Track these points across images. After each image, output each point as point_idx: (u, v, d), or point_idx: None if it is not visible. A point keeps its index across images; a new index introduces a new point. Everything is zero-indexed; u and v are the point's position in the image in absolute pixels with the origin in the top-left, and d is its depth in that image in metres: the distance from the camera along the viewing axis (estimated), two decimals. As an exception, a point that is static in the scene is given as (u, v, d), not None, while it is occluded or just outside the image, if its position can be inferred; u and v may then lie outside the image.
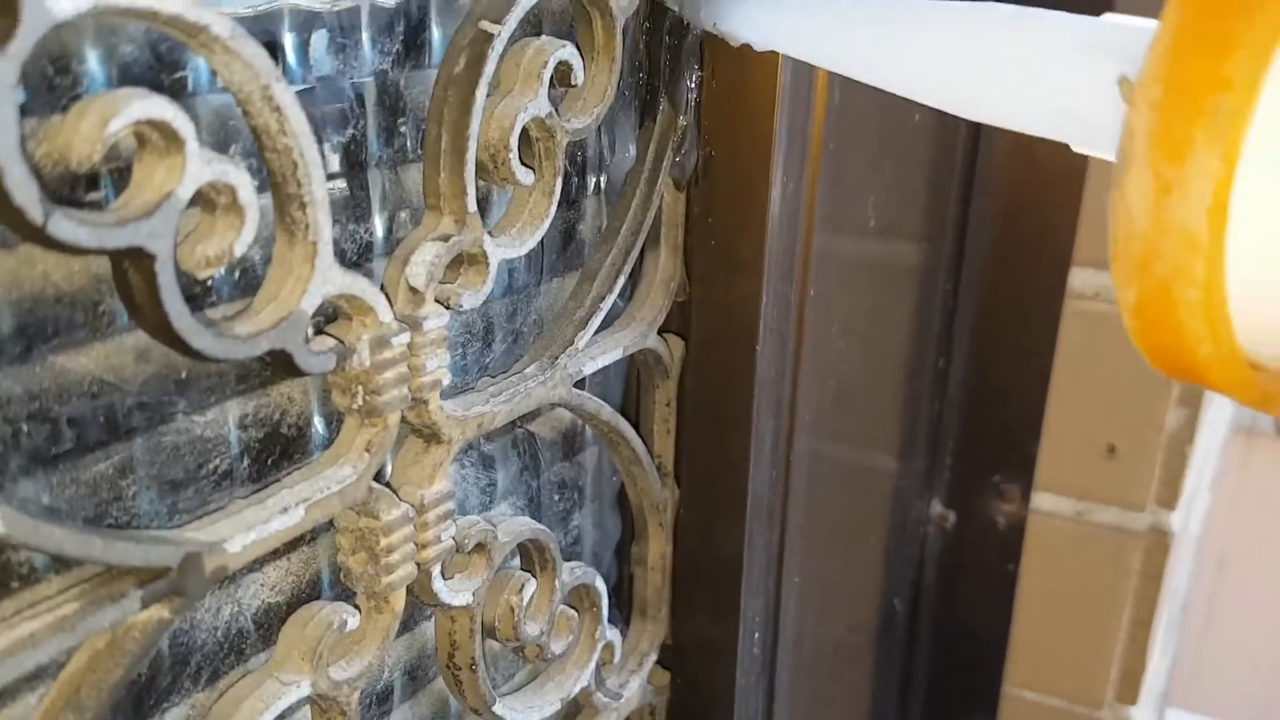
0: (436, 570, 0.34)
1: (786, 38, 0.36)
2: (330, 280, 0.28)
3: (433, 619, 0.38)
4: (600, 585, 0.44)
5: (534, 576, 0.40)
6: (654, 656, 0.49)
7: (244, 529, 0.27)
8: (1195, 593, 1.18)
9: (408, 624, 0.38)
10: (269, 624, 0.31)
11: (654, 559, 0.48)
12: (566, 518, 0.45)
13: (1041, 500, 0.69)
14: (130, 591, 0.25)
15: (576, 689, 0.44)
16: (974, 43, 0.31)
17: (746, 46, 0.38)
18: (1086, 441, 0.68)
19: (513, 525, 0.39)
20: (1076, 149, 0.28)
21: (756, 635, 0.51)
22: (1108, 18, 0.29)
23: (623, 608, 0.50)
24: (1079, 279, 0.65)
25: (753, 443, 0.46)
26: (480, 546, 0.37)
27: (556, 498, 0.44)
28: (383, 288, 0.30)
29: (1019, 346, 0.67)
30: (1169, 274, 0.24)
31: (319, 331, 0.29)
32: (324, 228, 0.27)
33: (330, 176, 0.30)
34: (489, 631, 0.39)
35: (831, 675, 0.63)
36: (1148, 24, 0.26)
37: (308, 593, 0.33)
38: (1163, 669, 0.88)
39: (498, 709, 0.39)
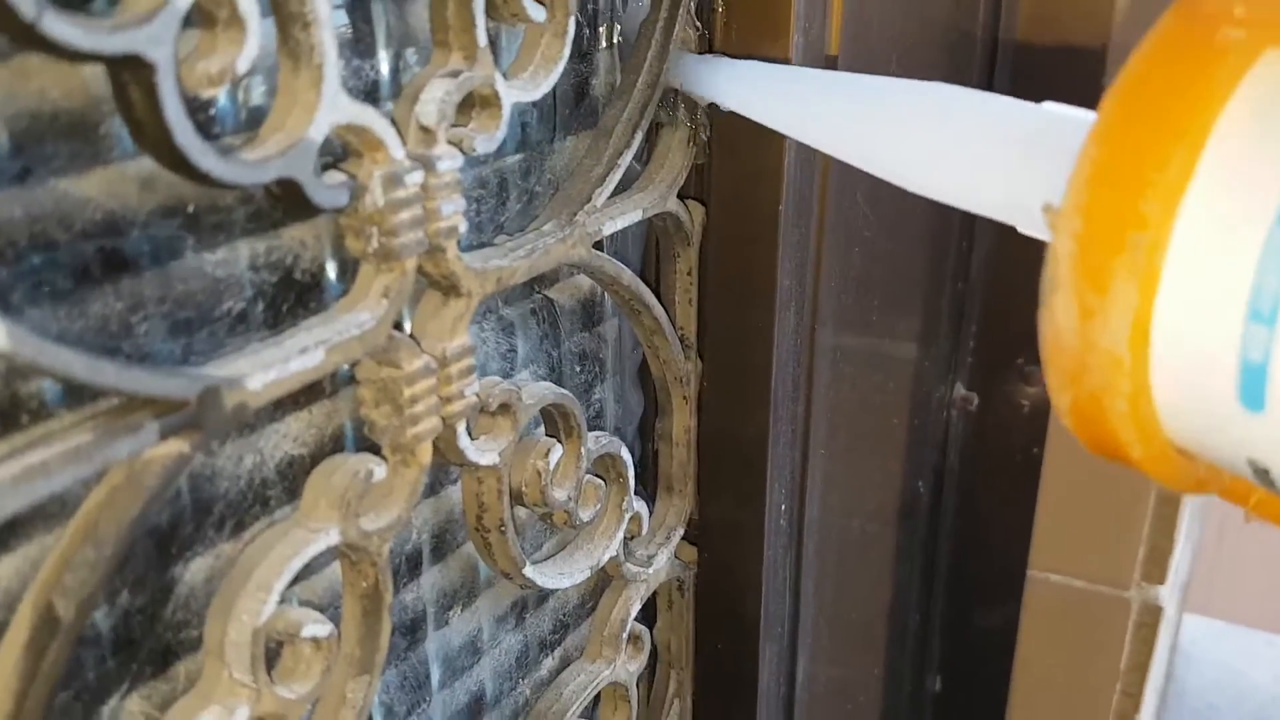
0: (462, 427, 0.34)
1: (752, 105, 0.39)
2: (338, 108, 0.27)
3: (459, 483, 0.38)
4: (626, 455, 0.43)
5: (559, 443, 0.39)
6: (681, 531, 0.49)
7: (263, 367, 0.26)
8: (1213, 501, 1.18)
9: (434, 487, 0.37)
10: (293, 477, 0.31)
11: (678, 434, 0.48)
12: (588, 390, 0.45)
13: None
14: (147, 423, 0.24)
15: (605, 558, 0.43)
16: (919, 124, 0.33)
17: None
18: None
19: (536, 389, 0.38)
20: (1022, 231, 0.30)
21: (783, 507, 0.50)
22: (1048, 106, 0.30)
23: (648, 484, 0.49)
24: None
25: (776, 313, 0.45)
26: (505, 407, 0.36)
27: (578, 369, 0.44)
28: (393, 124, 0.29)
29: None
30: (1098, 387, 0.25)
31: (330, 168, 0.28)
32: (329, 50, 0.26)
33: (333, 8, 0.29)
34: (516, 497, 0.38)
35: (857, 555, 0.63)
36: (1085, 118, 0.28)
37: (331, 447, 0.32)
38: (1187, 555, 0.88)
39: (528, 572, 0.39)
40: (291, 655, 0.30)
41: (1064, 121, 0.29)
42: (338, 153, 0.28)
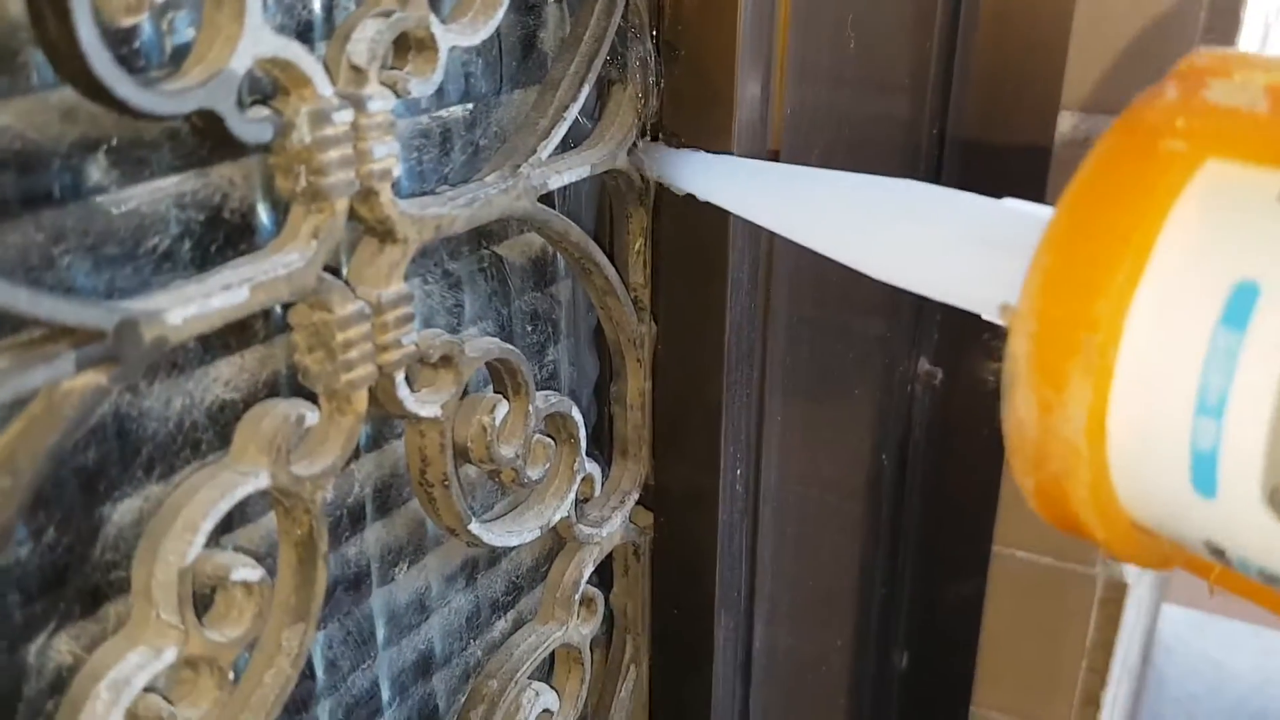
0: (400, 377, 0.34)
1: (724, 198, 0.41)
2: (261, 41, 0.26)
3: (403, 438, 0.38)
4: (577, 415, 0.43)
5: (506, 399, 0.39)
6: (636, 495, 0.49)
7: (183, 302, 0.26)
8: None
9: (377, 441, 0.37)
10: (225, 422, 0.31)
11: (633, 397, 0.48)
12: (541, 351, 0.45)
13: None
14: (64, 353, 0.24)
15: (556, 518, 0.43)
16: (883, 219, 0.35)
17: None
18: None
19: (481, 343, 0.38)
20: (985, 318, 0.31)
21: (739, 472, 0.50)
22: (1008, 202, 0.32)
23: (604, 449, 0.49)
24: (1067, 123, 0.64)
25: (730, 275, 0.45)
26: (446, 360, 0.36)
27: (529, 328, 0.43)
28: (325, 67, 0.29)
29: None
30: (1059, 473, 0.27)
31: (255, 104, 0.28)
32: (252, -17, 0.26)
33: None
34: (462, 453, 0.38)
35: (817, 527, 0.63)
36: (1043, 213, 0.30)
37: (265, 393, 0.32)
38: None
39: (474, 528, 0.39)
40: (223, 600, 0.30)
41: (1024, 218, 0.30)
42: (267, 91, 0.28)
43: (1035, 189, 0.64)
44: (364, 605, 0.38)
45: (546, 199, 0.39)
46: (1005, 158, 0.64)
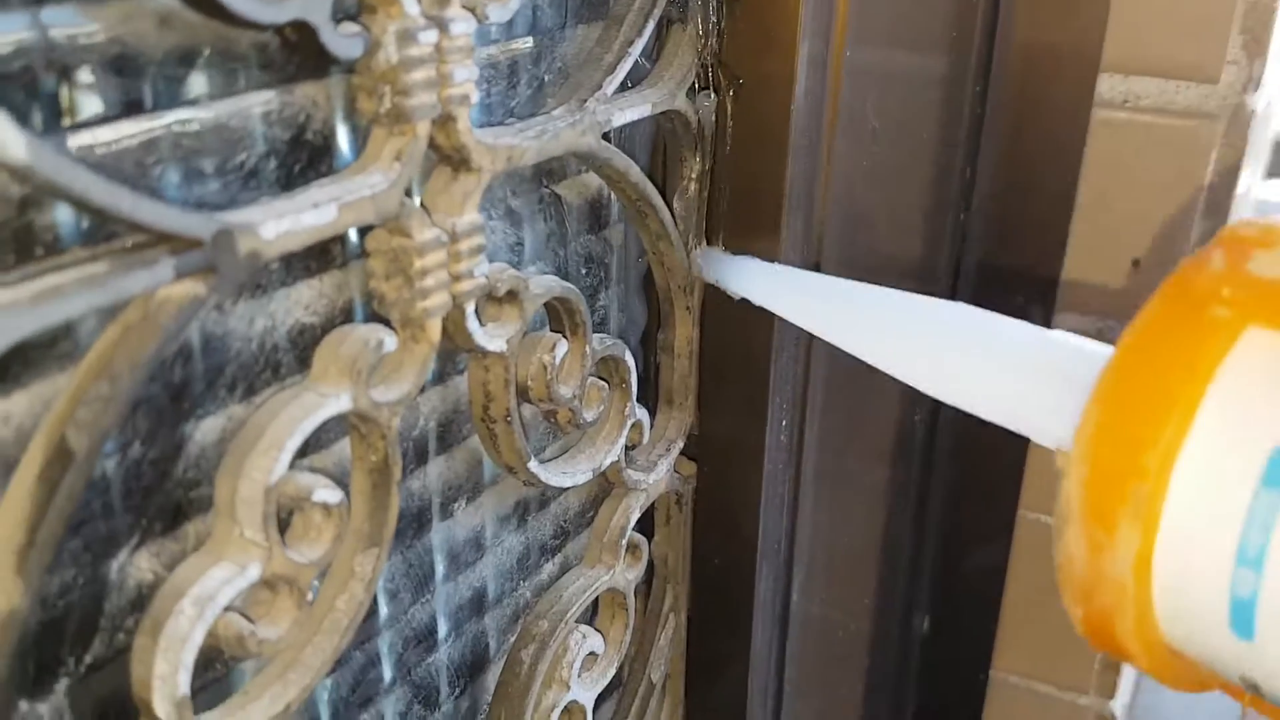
0: (470, 309, 0.34)
1: (779, 306, 0.43)
2: (356, -46, 0.26)
3: (465, 374, 0.38)
4: (629, 360, 0.43)
5: (565, 339, 0.39)
6: (680, 443, 0.49)
7: (276, 216, 0.26)
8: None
9: (442, 376, 0.37)
10: (303, 345, 0.31)
11: (680, 345, 0.48)
12: (594, 295, 0.44)
13: (1064, 320, 0.69)
14: (163, 259, 0.24)
15: (607, 462, 0.43)
16: (936, 342, 0.37)
17: None
18: (1111, 257, 0.67)
19: (544, 280, 0.38)
20: (1037, 442, 0.33)
21: (784, 423, 0.50)
22: (1057, 335, 0.34)
23: (650, 398, 0.49)
24: (1107, 85, 0.63)
25: (784, 220, 0.45)
26: (512, 295, 0.36)
27: (584, 271, 0.43)
28: (409, -15, 0.29)
29: (1045, 160, 0.65)
30: (1107, 606, 0.29)
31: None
32: (348, -106, 0.25)
33: None
34: (522, 391, 0.38)
35: (853, 483, 0.63)
36: (1090, 349, 0.33)
37: (341, 319, 0.32)
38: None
39: (532, 466, 0.39)
40: (302, 522, 0.30)
41: (1073, 352, 0.33)
42: (353, 10, 0.28)
43: (1074, 150, 0.64)
44: (425, 539, 0.38)
45: (605, 138, 0.39)
46: (1045, 121, 0.64)
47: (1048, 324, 0.70)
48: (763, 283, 0.44)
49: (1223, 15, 0.61)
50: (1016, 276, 0.67)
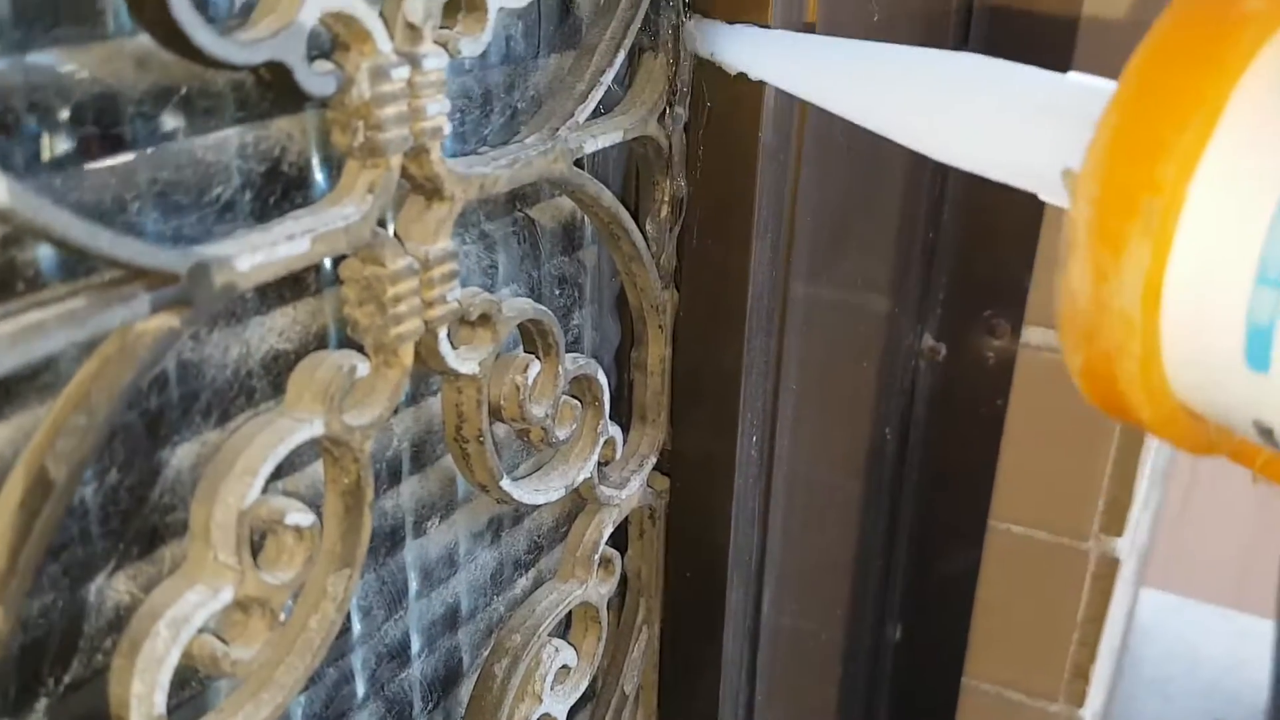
0: (444, 333, 0.34)
1: (779, 74, 0.40)
2: (329, -5, 0.27)
3: (439, 395, 0.38)
4: (602, 378, 0.44)
5: (538, 359, 0.40)
6: (653, 459, 0.50)
7: (251, 250, 0.27)
8: (1172, 475, 1.19)
9: (415, 397, 0.38)
10: (277, 372, 0.31)
11: (653, 363, 0.49)
12: (567, 315, 0.45)
13: (1032, 335, 0.70)
14: (139, 294, 0.24)
15: (580, 479, 0.44)
16: (945, 92, 0.33)
17: None
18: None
19: (516, 303, 0.38)
20: (1042, 198, 0.31)
21: (754, 439, 0.51)
22: (1071, 76, 0.31)
23: (623, 415, 0.50)
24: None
25: (754, 244, 0.46)
26: (485, 318, 0.37)
27: (557, 292, 0.44)
28: (382, 19, 0.29)
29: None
30: (1110, 348, 0.26)
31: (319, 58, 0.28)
32: (322, -62, 0.26)
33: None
34: (495, 412, 0.39)
35: (823, 496, 0.64)
36: (1107, 85, 0.28)
37: (315, 345, 0.32)
38: (1146, 514, 0.90)
39: (505, 485, 0.40)
40: (275, 545, 0.31)
41: (1087, 91, 0.30)
42: (326, 48, 0.29)
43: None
44: (398, 557, 0.39)
45: (578, 164, 0.40)
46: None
47: (1017, 338, 0.72)
48: (758, 51, 0.40)
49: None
50: (986, 292, 0.69)
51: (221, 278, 0.26)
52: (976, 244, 0.68)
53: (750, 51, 0.41)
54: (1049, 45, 0.63)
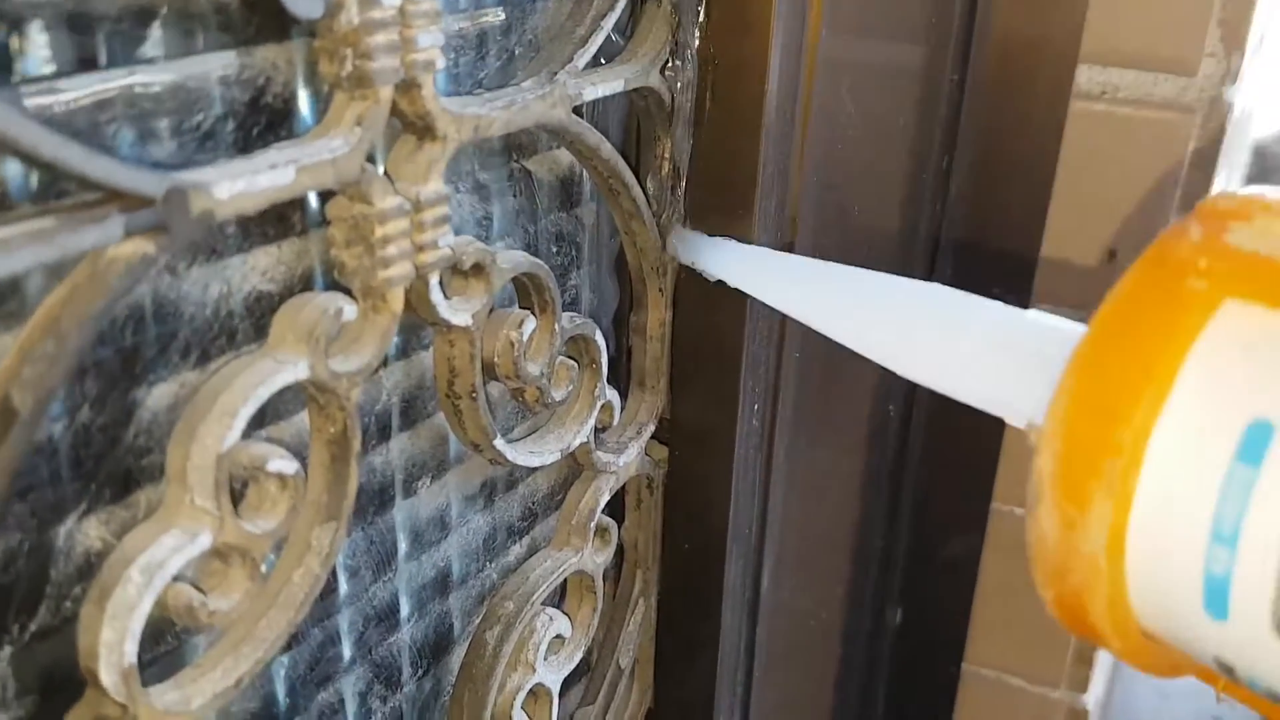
0: (435, 280, 0.33)
1: (756, 287, 0.42)
2: (316, -89, 0.26)
3: (431, 350, 0.37)
4: (600, 340, 0.43)
5: (533, 315, 0.39)
6: (652, 427, 0.49)
7: (231, 177, 0.26)
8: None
9: (406, 350, 0.37)
10: (260, 314, 0.30)
11: (653, 327, 0.47)
12: (564, 274, 0.44)
13: (1039, 310, 0.69)
14: (113, 216, 0.23)
15: (576, 442, 0.43)
16: (911, 322, 0.36)
17: None
18: (1087, 248, 0.67)
19: (512, 255, 0.37)
20: (1010, 423, 0.33)
21: (756, 408, 0.50)
22: (1030, 314, 0.34)
23: (621, 380, 0.49)
24: (1085, 76, 0.63)
25: (757, 204, 0.45)
26: (479, 269, 0.35)
27: (554, 249, 0.43)
28: (372, -53, 0.28)
29: (1023, 150, 0.65)
30: (1079, 586, 0.28)
31: (305, -20, 0.27)
32: None
33: None
34: (488, 368, 0.38)
35: (825, 470, 0.63)
36: (1065, 329, 0.32)
37: (301, 287, 0.31)
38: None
39: (498, 444, 0.38)
40: (257, 493, 0.29)
41: (1045, 330, 0.33)
42: (315, -27, 0.27)
43: (1052, 141, 0.64)
44: (387, 517, 0.38)
45: (577, 113, 0.39)
46: (1023, 111, 0.64)
47: (1024, 316, 0.70)
48: (738, 264, 0.43)
49: (1201, 8, 0.61)
50: (993, 265, 0.67)
51: (199, 204, 0.25)
52: (984, 220, 0.67)
53: (729, 264, 0.43)
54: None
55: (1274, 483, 0.25)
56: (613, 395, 0.45)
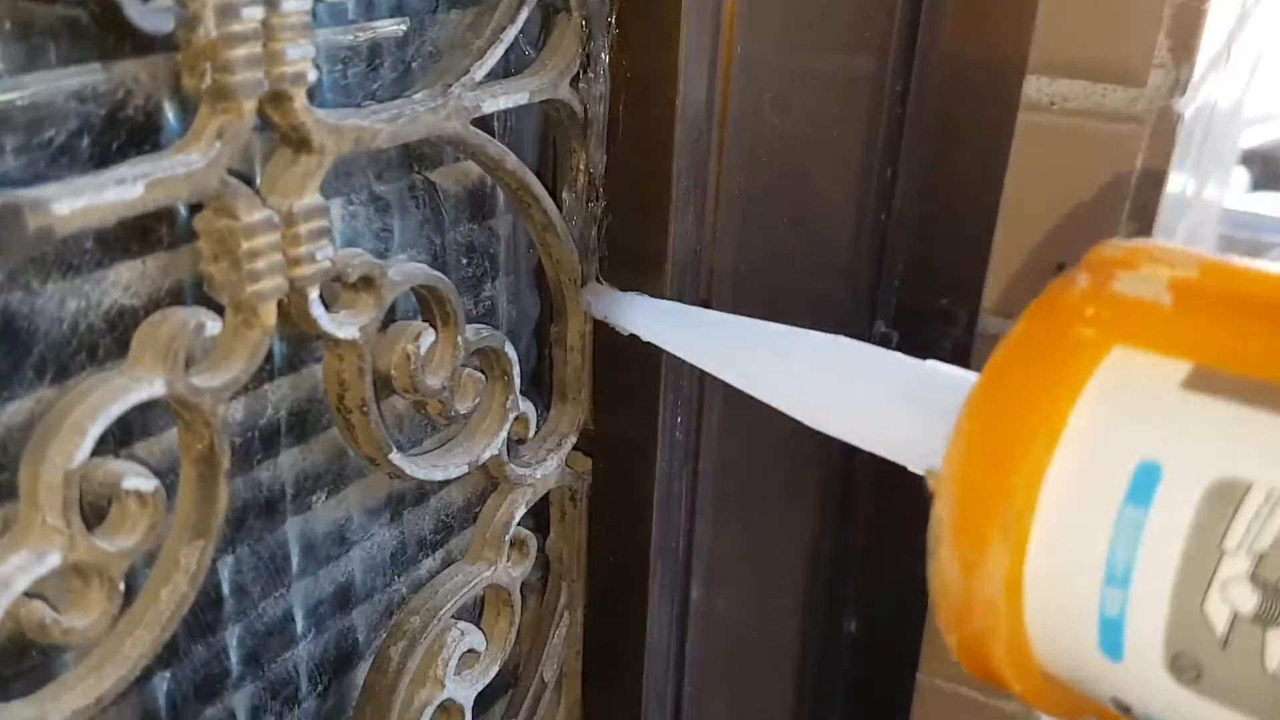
0: (314, 294, 0.33)
1: (667, 340, 0.43)
2: (161, -76, 0.25)
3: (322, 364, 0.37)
4: (510, 351, 0.43)
5: (434, 329, 0.38)
6: (573, 439, 0.48)
7: (73, 193, 0.25)
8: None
9: (294, 364, 0.36)
10: (124, 329, 0.30)
11: (573, 339, 0.47)
12: (477, 285, 0.44)
13: (989, 324, 0.68)
14: (-66, 234, 0.23)
15: (486, 455, 0.43)
16: (818, 374, 0.37)
17: None
18: (1036, 261, 0.66)
19: (406, 268, 0.37)
20: (911, 469, 0.33)
21: (680, 420, 0.50)
22: (929, 365, 0.35)
23: (544, 391, 0.48)
24: (1033, 87, 0.63)
25: (673, 218, 0.45)
26: (367, 281, 0.35)
27: (465, 261, 0.43)
28: (234, -41, 0.28)
29: (970, 162, 0.65)
30: (980, 630, 0.29)
31: (158, -6, 0.27)
32: None
33: None
34: (385, 381, 0.38)
35: (765, 484, 0.62)
36: (963, 377, 0.33)
37: (169, 302, 0.31)
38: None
39: (395, 458, 0.38)
40: (118, 511, 0.29)
41: (947, 380, 0.34)
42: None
43: (1000, 152, 0.63)
44: (278, 532, 0.37)
45: (486, 127, 0.38)
46: (969, 123, 0.64)
47: (972, 328, 0.70)
48: (648, 319, 0.44)
49: (1150, 19, 0.60)
50: (941, 278, 0.67)
51: (37, 221, 0.24)
52: (932, 231, 0.66)
53: (639, 320, 0.44)
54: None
55: (1163, 524, 0.26)
56: (527, 407, 0.45)
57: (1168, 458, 0.26)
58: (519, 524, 0.47)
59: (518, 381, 0.43)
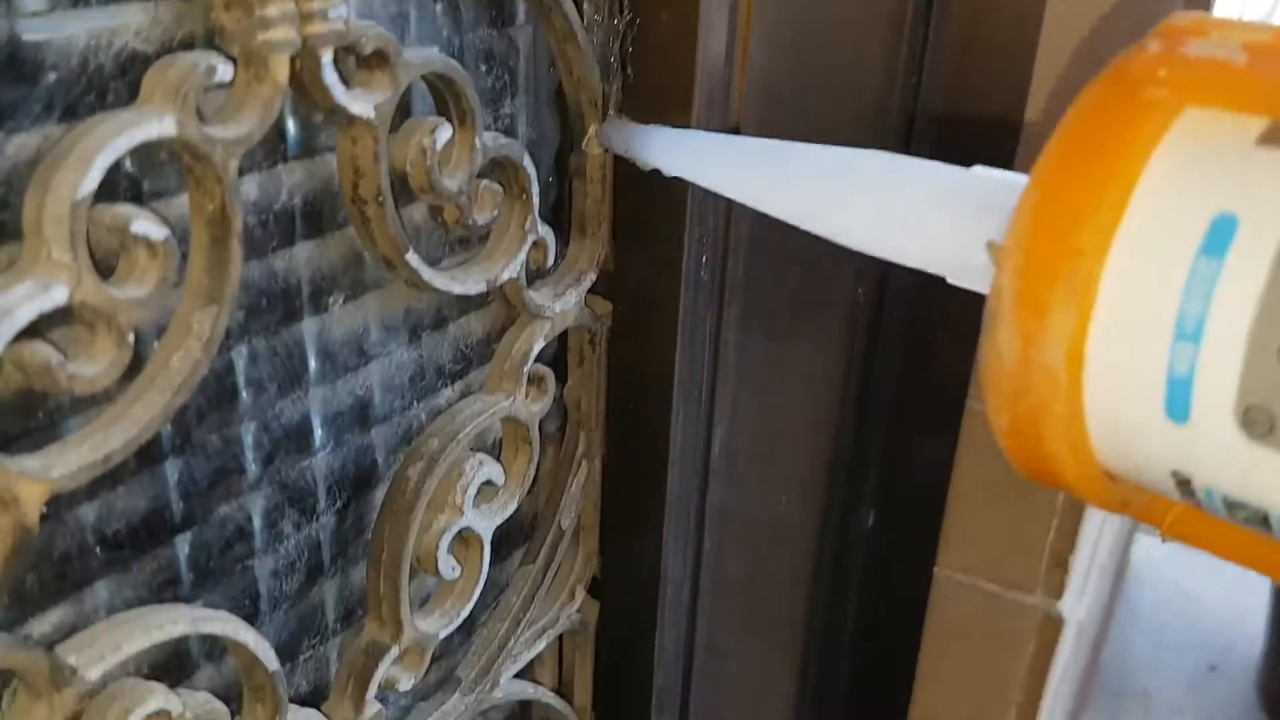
0: (327, 58, 0.31)
1: (692, 172, 0.42)
2: None
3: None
4: (530, 167, 0.41)
5: (450, 125, 0.37)
6: (592, 275, 0.47)
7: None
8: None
9: (308, 148, 0.35)
10: (136, 75, 0.28)
11: (593, 169, 0.45)
12: (496, 99, 0.42)
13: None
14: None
15: (504, 276, 0.41)
16: (855, 186, 0.36)
17: None
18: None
19: (422, 51, 0.35)
20: (952, 282, 0.33)
21: (704, 259, 0.48)
22: (976, 170, 0.33)
23: (564, 227, 0.47)
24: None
25: (700, 37, 0.43)
26: (381, 57, 0.33)
27: (483, 68, 0.41)
28: None
29: (1004, 18, 0.62)
30: (1035, 407, 0.28)
31: None
32: None
33: None
34: (400, 177, 0.36)
35: (789, 339, 0.61)
36: (1011, 178, 0.32)
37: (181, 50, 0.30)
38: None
39: (412, 259, 0.37)
40: (127, 261, 0.28)
41: (991, 181, 0.32)
42: None
43: (1035, 5, 0.61)
44: (294, 328, 0.36)
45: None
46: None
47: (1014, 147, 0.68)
48: (672, 151, 0.42)
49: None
50: (974, 137, 0.65)
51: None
52: (964, 91, 0.64)
53: (660, 151, 0.43)
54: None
55: (1238, 274, 0.25)
56: (546, 232, 0.44)
57: (1244, 210, 0.26)
58: (537, 361, 0.46)
59: (536, 201, 0.42)
